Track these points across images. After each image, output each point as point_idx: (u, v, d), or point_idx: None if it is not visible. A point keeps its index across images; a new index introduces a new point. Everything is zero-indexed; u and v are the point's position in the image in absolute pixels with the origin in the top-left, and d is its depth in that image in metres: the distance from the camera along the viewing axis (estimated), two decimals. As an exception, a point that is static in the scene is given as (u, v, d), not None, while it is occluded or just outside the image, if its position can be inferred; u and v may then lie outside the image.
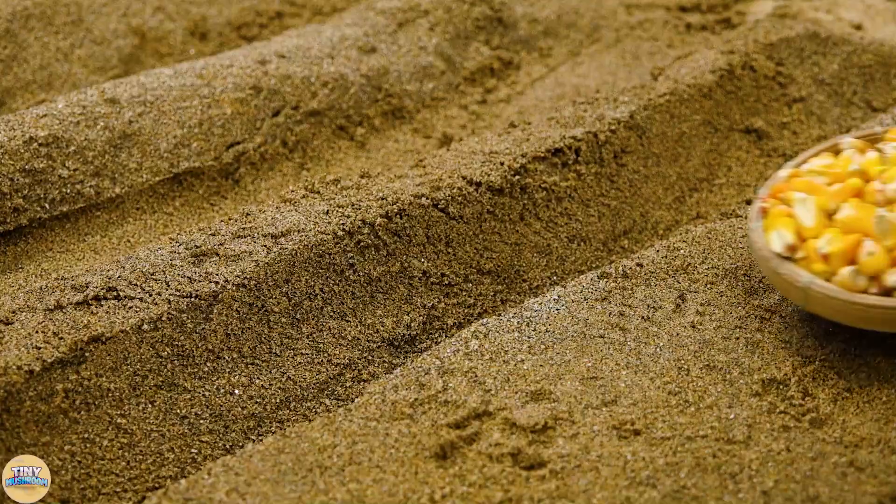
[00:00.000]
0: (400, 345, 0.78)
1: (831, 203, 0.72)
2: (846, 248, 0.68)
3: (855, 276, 0.68)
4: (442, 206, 0.84)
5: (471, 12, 1.16)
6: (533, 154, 0.89)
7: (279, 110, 1.00)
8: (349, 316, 0.79)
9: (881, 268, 0.68)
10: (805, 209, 0.71)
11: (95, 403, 0.70)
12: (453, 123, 1.05)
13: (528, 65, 1.15)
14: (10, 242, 0.88)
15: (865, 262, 0.67)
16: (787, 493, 0.62)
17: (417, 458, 0.65)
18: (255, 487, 0.63)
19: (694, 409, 0.67)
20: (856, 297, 0.68)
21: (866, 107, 1.09)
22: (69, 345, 0.70)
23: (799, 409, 0.68)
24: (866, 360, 0.71)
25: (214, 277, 0.76)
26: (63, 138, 0.90)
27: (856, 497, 0.62)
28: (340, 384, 0.75)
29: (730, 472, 0.63)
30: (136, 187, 0.92)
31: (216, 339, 0.74)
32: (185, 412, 0.71)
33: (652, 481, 0.63)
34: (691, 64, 1.05)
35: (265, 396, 0.73)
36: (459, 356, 0.72)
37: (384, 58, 1.08)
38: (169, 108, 0.96)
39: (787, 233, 0.71)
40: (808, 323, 0.74)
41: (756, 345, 0.72)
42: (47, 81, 1.09)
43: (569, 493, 0.62)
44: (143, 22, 1.16)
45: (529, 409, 0.68)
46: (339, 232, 0.80)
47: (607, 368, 0.71)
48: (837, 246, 0.68)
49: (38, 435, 0.68)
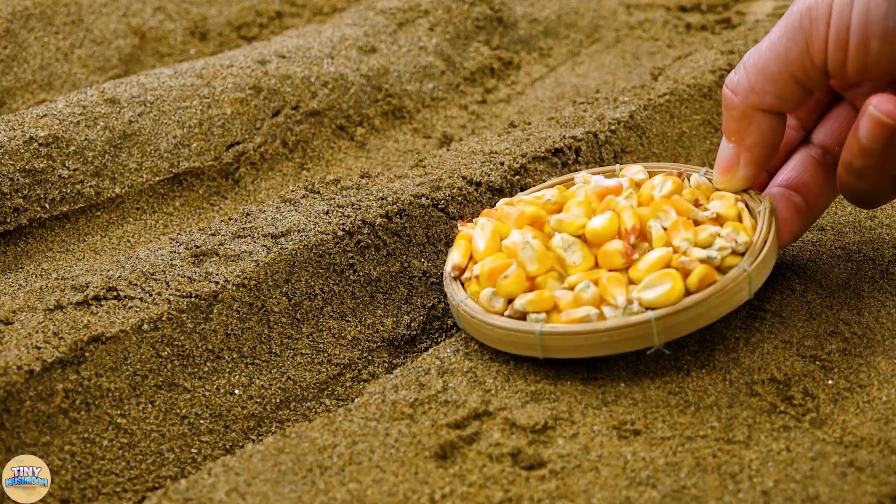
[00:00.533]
0: (400, 345, 0.78)
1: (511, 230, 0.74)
2: (494, 271, 0.71)
3: (491, 297, 0.71)
4: (442, 206, 0.84)
5: (471, 12, 1.16)
6: (533, 154, 0.89)
7: (279, 110, 1.00)
8: (349, 316, 0.79)
9: (515, 291, 0.70)
10: (481, 234, 0.74)
11: (95, 403, 0.70)
12: (453, 123, 1.05)
13: (528, 65, 1.15)
14: (10, 242, 0.88)
15: (501, 285, 0.70)
16: (787, 493, 0.62)
17: (417, 458, 0.65)
18: (255, 487, 0.63)
19: (694, 409, 0.67)
20: (487, 316, 0.70)
21: (866, 107, 1.09)
22: (69, 345, 0.70)
23: (799, 409, 0.68)
24: (866, 360, 0.71)
25: (214, 277, 0.76)
26: (63, 138, 0.90)
27: (856, 497, 0.62)
28: (340, 384, 0.75)
29: (730, 472, 0.63)
30: (136, 187, 0.92)
31: (216, 339, 0.74)
32: (185, 412, 0.71)
33: (652, 481, 0.63)
34: (691, 64, 1.05)
35: (265, 396, 0.73)
36: (459, 356, 0.72)
37: (384, 58, 1.08)
38: (169, 108, 0.96)
39: (457, 254, 0.74)
40: (808, 323, 0.74)
41: (756, 345, 0.72)
42: (47, 81, 1.09)
43: (569, 493, 0.62)
44: (143, 22, 1.16)
45: (529, 409, 0.68)
46: (339, 232, 0.80)
47: (607, 368, 0.71)
48: (487, 268, 0.71)
49: (38, 435, 0.68)
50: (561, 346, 0.68)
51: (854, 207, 0.86)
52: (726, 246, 0.69)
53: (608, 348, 0.68)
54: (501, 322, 0.70)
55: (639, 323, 0.67)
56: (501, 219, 0.75)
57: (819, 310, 0.75)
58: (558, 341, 0.68)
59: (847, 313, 0.75)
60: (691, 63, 1.05)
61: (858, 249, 0.81)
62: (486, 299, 0.71)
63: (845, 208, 0.86)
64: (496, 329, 0.70)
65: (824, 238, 0.83)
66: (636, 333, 0.67)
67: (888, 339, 0.73)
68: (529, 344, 0.69)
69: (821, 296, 0.76)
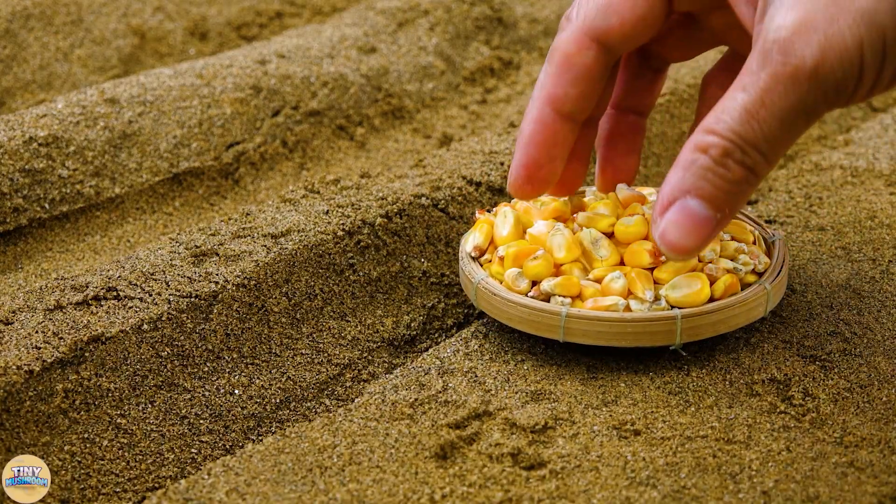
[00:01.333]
0: (400, 345, 0.78)
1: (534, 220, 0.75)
2: (519, 253, 0.72)
3: (517, 277, 0.71)
4: (442, 206, 0.84)
5: (471, 12, 1.16)
6: (533, 154, 0.89)
7: (279, 110, 1.00)
8: (349, 316, 0.79)
9: (542, 274, 0.71)
10: (503, 221, 0.74)
11: (95, 403, 0.70)
12: (453, 123, 1.05)
13: (528, 65, 1.15)
14: (10, 242, 0.88)
15: (528, 267, 0.71)
16: (787, 493, 0.62)
17: (417, 458, 0.65)
18: (255, 487, 0.63)
19: (694, 409, 0.67)
20: (511, 294, 0.71)
21: (867, 107, 1.09)
22: (69, 345, 0.70)
23: (799, 409, 0.68)
24: (866, 360, 0.71)
25: (214, 277, 0.76)
26: (63, 138, 0.90)
27: (856, 497, 0.62)
28: (340, 384, 0.75)
29: (730, 472, 0.63)
30: (136, 187, 0.92)
31: (216, 339, 0.74)
32: (185, 412, 0.71)
33: (652, 481, 0.63)
34: (691, 64, 1.05)
35: (265, 396, 0.73)
36: (459, 356, 0.72)
37: (384, 58, 1.08)
38: (169, 108, 0.96)
39: (479, 236, 0.75)
40: (808, 323, 0.74)
41: (756, 345, 0.72)
42: (47, 81, 1.09)
43: (569, 493, 0.62)
44: (143, 22, 1.16)
45: (529, 409, 0.68)
46: (339, 232, 0.80)
47: (607, 368, 0.71)
48: (512, 251, 0.72)
49: (38, 435, 0.68)
50: (584, 332, 0.69)
51: (854, 207, 0.86)
52: (750, 262, 0.71)
53: (630, 340, 0.69)
54: (526, 301, 0.70)
55: (665, 318, 0.68)
56: (523, 209, 0.76)
57: (819, 310, 0.75)
58: (583, 326, 0.69)
59: (847, 313, 0.75)
60: (691, 63, 1.05)
61: (858, 249, 0.81)
62: (512, 279, 0.71)
63: (845, 208, 0.86)
64: (519, 307, 0.70)
65: (824, 238, 0.83)
66: (660, 329, 0.68)
67: (888, 339, 0.73)
68: (552, 325, 0.69)
69: (821, 296, 0.76)
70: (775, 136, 0.58)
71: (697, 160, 0.59)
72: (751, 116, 0.58)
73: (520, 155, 0.69)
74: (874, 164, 0.93)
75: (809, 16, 0.56)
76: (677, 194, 0.60)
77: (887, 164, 0.92)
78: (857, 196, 0.88)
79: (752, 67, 0.58)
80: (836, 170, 0.92)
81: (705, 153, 0.59)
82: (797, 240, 0.82)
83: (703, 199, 0.60)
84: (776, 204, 0.88)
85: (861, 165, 0.92)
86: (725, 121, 0.58)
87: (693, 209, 0.60)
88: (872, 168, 0.92)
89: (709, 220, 0.60)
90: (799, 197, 0.89)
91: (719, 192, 0.60)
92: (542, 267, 0.71)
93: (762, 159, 0.59)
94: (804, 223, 0.85)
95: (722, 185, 0.59)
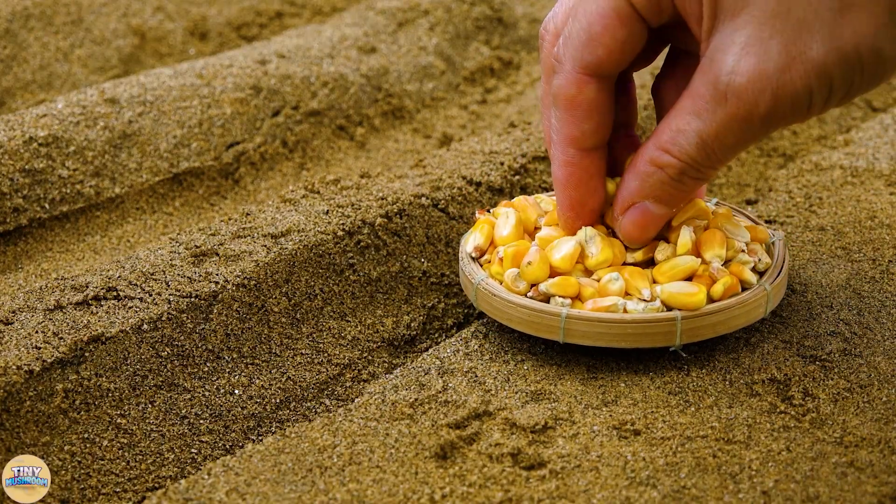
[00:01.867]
0: (400, 345, 0.78)
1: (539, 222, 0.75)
2: (518, 254, 0.72)
3: (517, 278, 0.71)
4: (442, 206, 0.84)
5: (471, 12, 1.16)
6: (533, 154, 0.89)
7: (279, 110, 1.00)
8: (349, 316, 0.79)
9: (539, 277, 0.71)
10: (505, 221, 0.75)
11: (95, 403, 0.70)
12: (453, 123, 1.05)
13: (528, 65, 1.14)
14: (10, 242, 0.88)
15: (524, 270, 0.71)
16: (787, 493, 0.62)
17: (417, 458, 0.65)
18: (255, 487, 0.63)
19: (694, 409, 0.67)
20: (511, 296, 0.71)
21: (867, 107, 1.09)
22: (69, 345, 0.70)
23: (799, 409, 0.68)
24: (866, 360, 0.71)
25: (214, 277, 0.76)
26: (63, 138, 0.90)
27: (856, 497, 0.62)
28: (340, 384, 0.75)
29: (730, 472, 0.63)
30: (136, 187, 0.92)
31: (216, 339, 0.74)
32: (185, 412, 0.71)
33: (652, 481, 0.63)
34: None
35: (265, 396, 0.73)
36: (459, 356, 0.72)
37: (384, 58, 1.08)
38: (169, 108, 0.96)
39: (479, 236, 0.75)
40: (808, 323, 0.74)
41: (756, 345, 0.72)
42: (47, 81, 1.09)
43: (569, 493, 0.62)
44: (143, 22, 1.16)
45: (529, 409, 0.68)
46: (339, 232, 0.80)
47: (607, 368, 0.71)
48: (511, 251, 0.72)
49: (38, 435, 0.68)
50: (584, 333, 0.69)
51: (854, 207, 0.86)
52: (749, 260, 0.71)
53: (630, 341, 0.69)
54: (527, 302, 0.70)
55: (665, 320, 0.68)
56: (523, 208, 0.76)
57: (819, 310, 0.75)
58: (583, 327, 0.69)
59: (847, 313, 0.75)
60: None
61: (858, 249, 0.81)
62: (511, 279, 0.71)
63: (845, 208, 0.86)
64: (520, 308, 0.70)
65: (824, 238, 0.83)
66: (660, 330, 0.69)
67: (888, 339, 0.73)
68: (552, 327, 0.69)
69: (821, 296, 0.76)
70: (727, 159, 0.66)
71: (655, 174, 0.67)
72: (705, 145, 0.65)
73: (562, 198, 0.72)
74: (874, 164, 0.93)
75: (762, 66, 0.61)
76: (636, 199, 0.69)
77: (887, 164, 0.92)
78: (857, 196, 0.88)
79: (705, 96, 0.64)
80: (836, 170, 0.92)
81: (662, 170, 0.67)
82: (797, 240, 0.82)
83: (658, 202, 0.69)
84: (776, 204, 0.88)
85: (861, 165, 0.92)
86: (682, 145, 0.66)
87: (650, 209, 0.69)
88: (872, 168, 0.92)
89: (663, 216, 0.70)
90: (799, 197, 0.89)
91: (672, 198, 0.69)
92: (538, 270, 0.71)
93: (713, 172, 0.67)
94: (804, 223, 0.85)
95: (675, 193, 0.68)
